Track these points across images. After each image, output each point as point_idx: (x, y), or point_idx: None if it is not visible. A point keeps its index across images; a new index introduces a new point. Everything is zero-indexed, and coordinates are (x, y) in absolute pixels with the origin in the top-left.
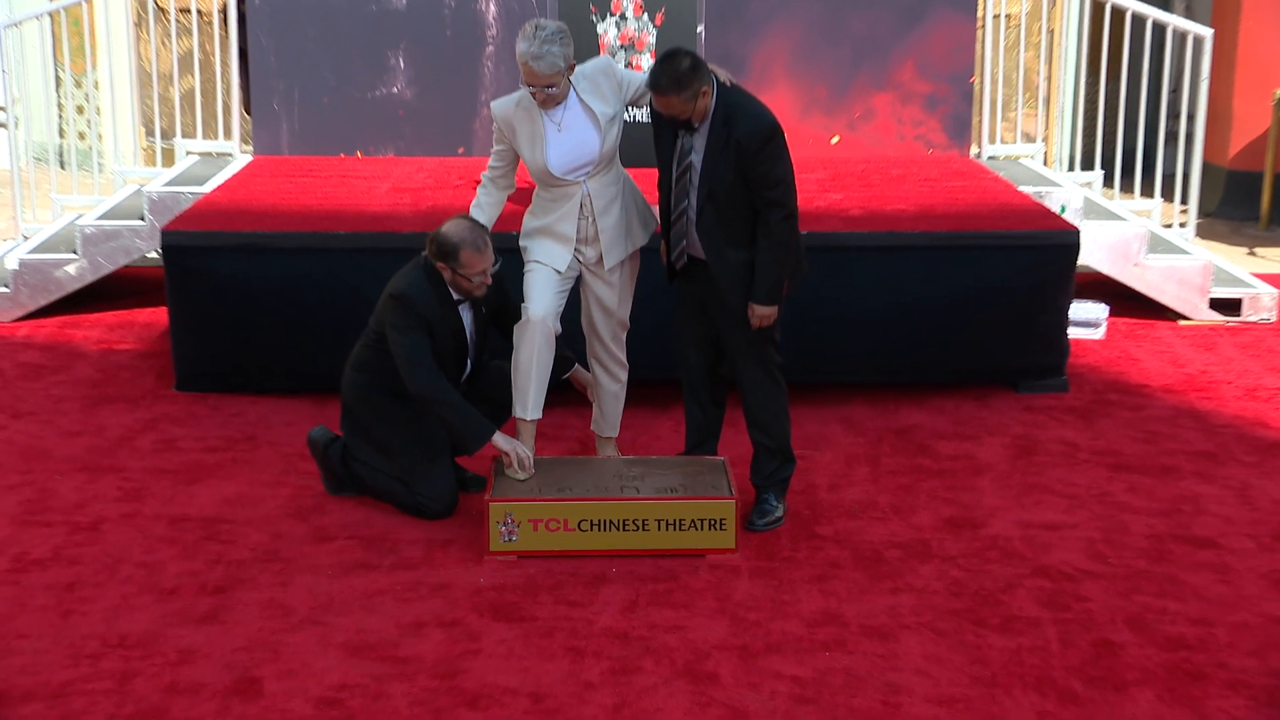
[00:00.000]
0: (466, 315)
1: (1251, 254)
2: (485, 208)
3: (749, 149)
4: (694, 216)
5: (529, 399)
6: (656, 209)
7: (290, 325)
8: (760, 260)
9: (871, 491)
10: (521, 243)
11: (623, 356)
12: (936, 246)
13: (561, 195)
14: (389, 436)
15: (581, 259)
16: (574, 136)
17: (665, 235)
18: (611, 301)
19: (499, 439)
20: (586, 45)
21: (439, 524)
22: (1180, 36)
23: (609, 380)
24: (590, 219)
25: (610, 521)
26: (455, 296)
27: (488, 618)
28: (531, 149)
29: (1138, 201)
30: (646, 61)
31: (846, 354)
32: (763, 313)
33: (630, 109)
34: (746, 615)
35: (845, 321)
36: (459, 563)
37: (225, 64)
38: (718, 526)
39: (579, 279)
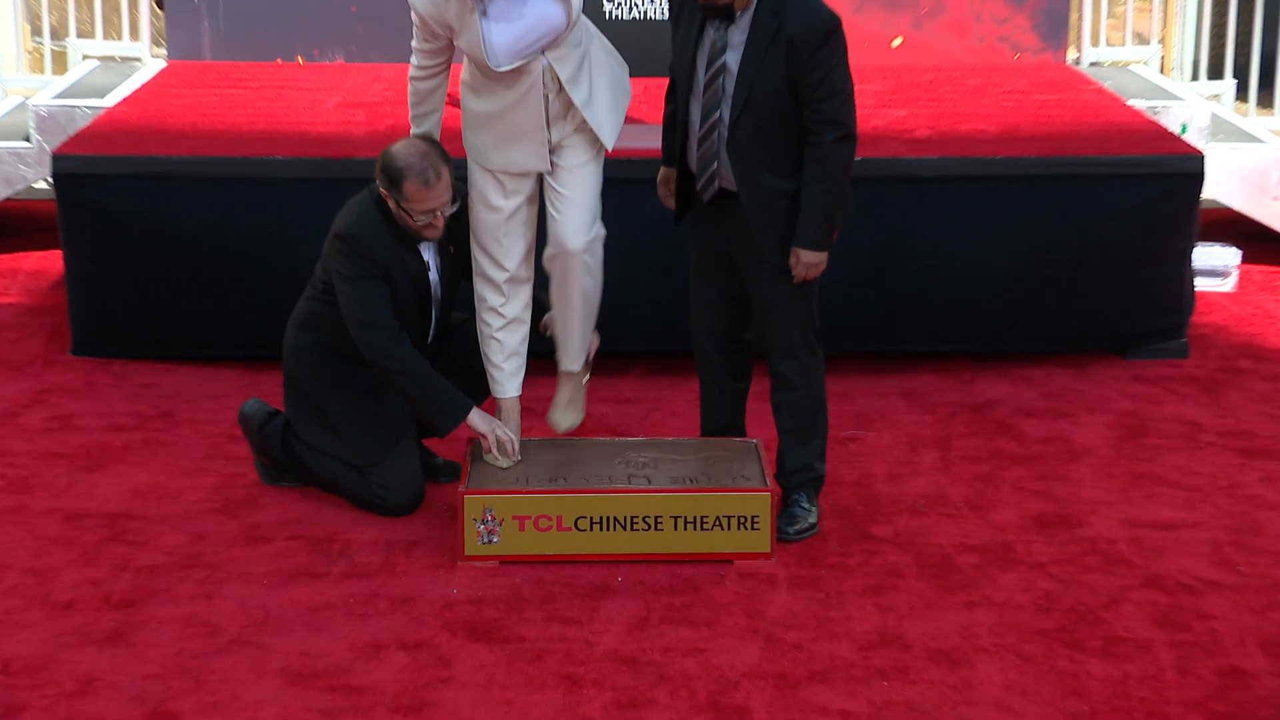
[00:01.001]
0: (431, 259)
1: None
2: (428, 121)
3: (803, 48)
4: (725, 134)
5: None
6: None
7: (215, 274)
8: (808, 194)
9: (941, 482)
10: (470, 140)
11: (598, 237)
12: (1024, 176)
13: (513, 78)
14: (340, 412)
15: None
16: (525, 10)
17: (678, 160)
18: (585, 192)
19: (476, 418)
20: None
21: (402, 522)
22: None
23: (575, 281)
24: (555, 94)
25: (615, 519)
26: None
27: (462, 638)
28: (472, 38)
29: (1278, 119)
30: None
31: (908, 315)
32: (810, 260)
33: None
34: (784, 636)
35: (907, 273)
36: (426, 570)
37: None
38: (749, 525)
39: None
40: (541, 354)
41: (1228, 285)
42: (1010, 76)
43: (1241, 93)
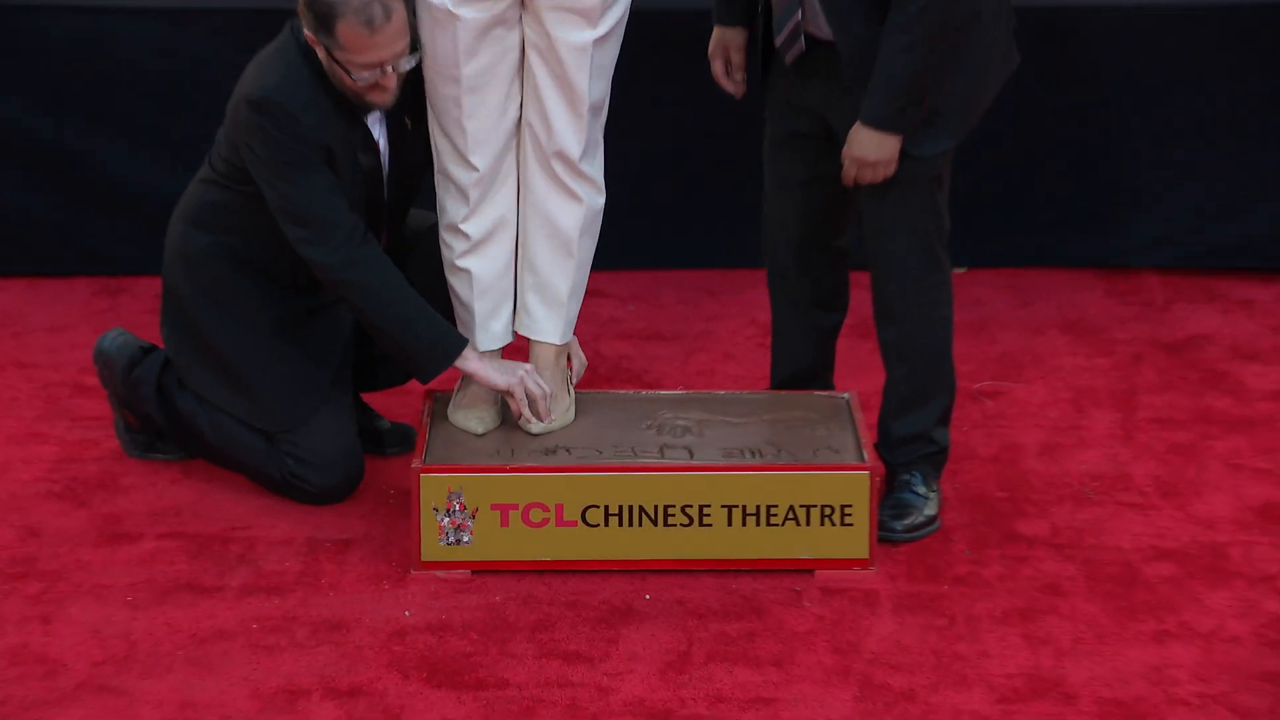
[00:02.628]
0: (380, 135)
1: None
2: None
3: None
4: None
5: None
6: None
7: (52, 148)
8: (884, 48)
9: (1120, 457)
10: None
11: (596, 173)
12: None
13: None
14: (246, 351)
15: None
16: None
17: (742, 11)
18: (580, 71)
19: (481, 362)
20: None
21: (330, 512)
22: None
23: (559, 209)
24: None
25: (641, 510)
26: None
27: (418, 682)
28: None
29: None
30: None
31: (1074, 211)
32: (866, 148)
33: None
34: (890, 681)
35: (1069, 152)
36: (366, 582)
37: None
38: (837, 519)
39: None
40: None
41: None
42: None
43: None
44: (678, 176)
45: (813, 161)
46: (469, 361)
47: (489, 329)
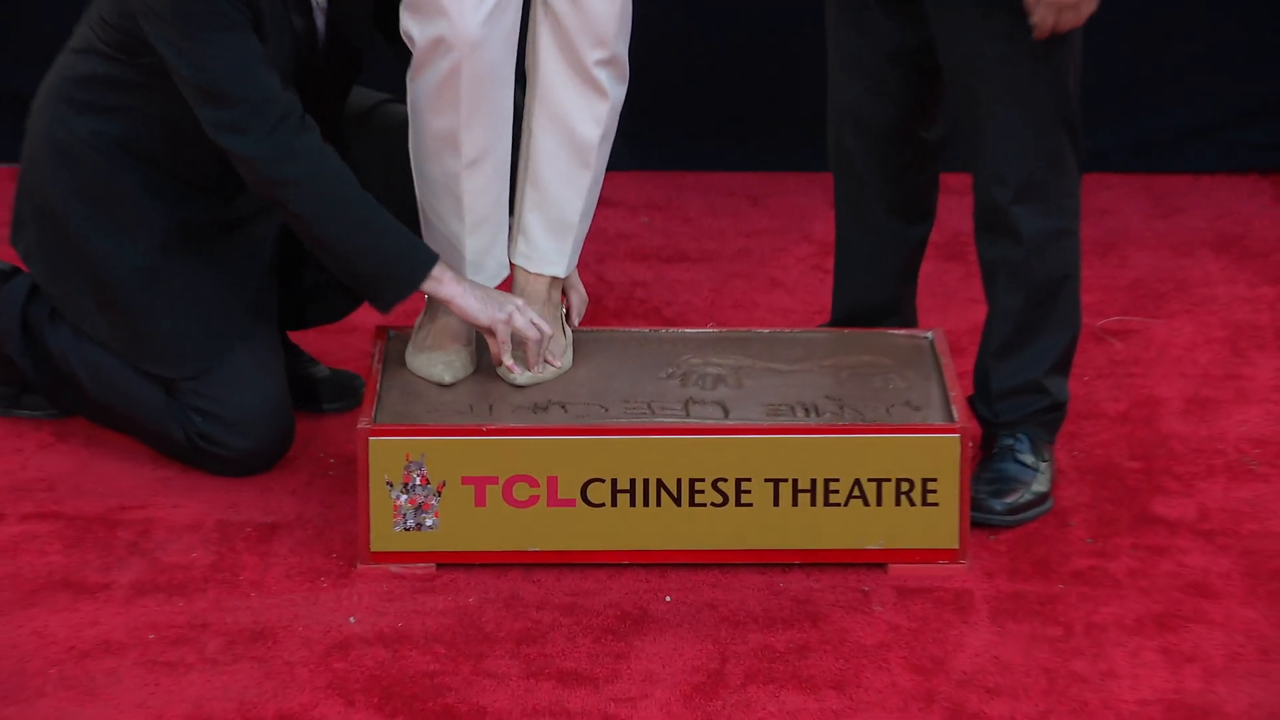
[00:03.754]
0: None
1: None
2: None
3: None
4: None
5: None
6: None
7: None
8: None
9: None
10: None
11: (624, 50)
12: None
13: None
14: (135, 272)
15: None
16: None
17: None
18: None
19: (462, 289)
20: None
21: (250, 486)
22: None
23: (579, 108)
24: None
25: (660, 485)
26: None
27: (366, 710)
28: None
29: None
30: None
31: (1237, 102)
32: None
33: None
34: (986, 710)
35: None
36: (298, 579)
37: None
38: (917, 497)
39: None
40: None
41: None
42: None
43: None
44: (708, 46)
45: (897, 26)
46: (443, 284)
47: (483, 268)
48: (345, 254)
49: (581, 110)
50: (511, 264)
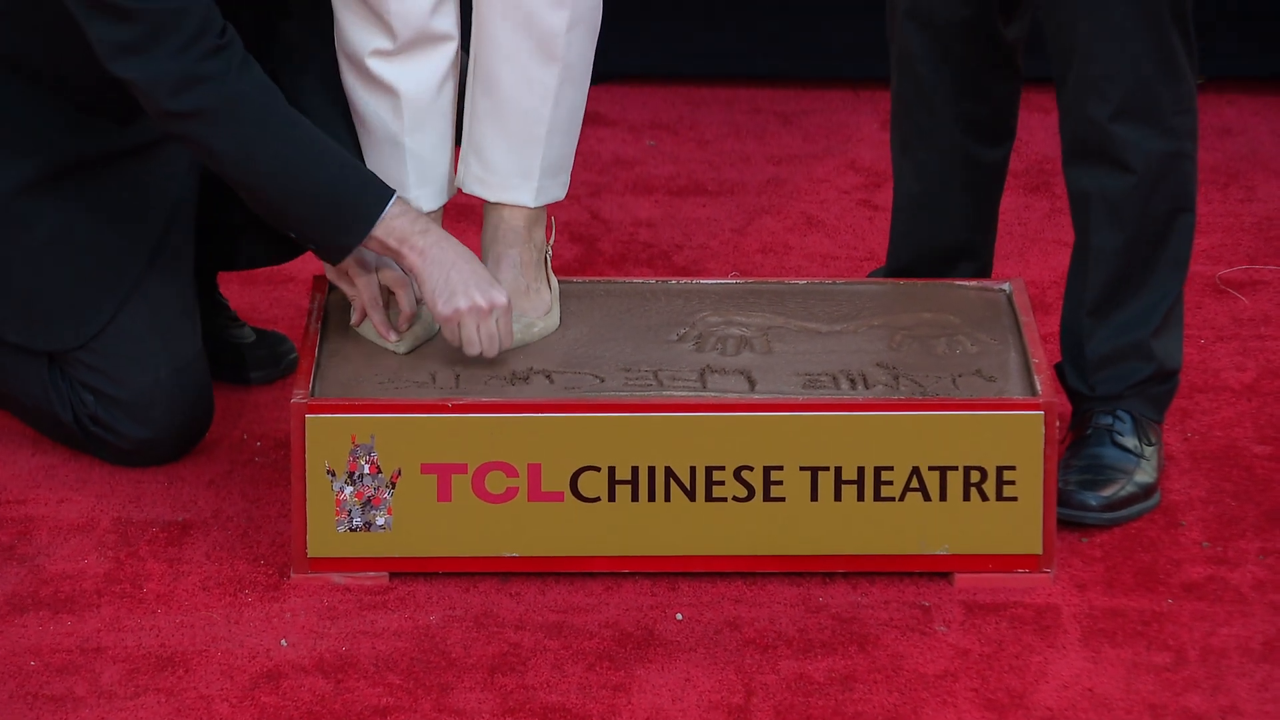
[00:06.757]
0: None
1: None
2: None
3: None
4: None
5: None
6: None
7: None
8: None
9: None
10: None
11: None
12: None
13: None
14: (5, 220)
15: None
16: None
17: None
18: None
19: (414, 224)
20: None
21: (154, 478)
22: None
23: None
24: None
25: (669, 475)
26: None
27: None
28: None
29: None
30: None
31: None
32: None
33: None
34: None
35: None
36: (215, 591)
37: None
38: (990, 491)
39: None
40: None
41: None
42: None
43: None
44: None
45: None
46: (393, 221)
47: (427, 176)
48: (280, 200)
49: None
50: (468, 194)
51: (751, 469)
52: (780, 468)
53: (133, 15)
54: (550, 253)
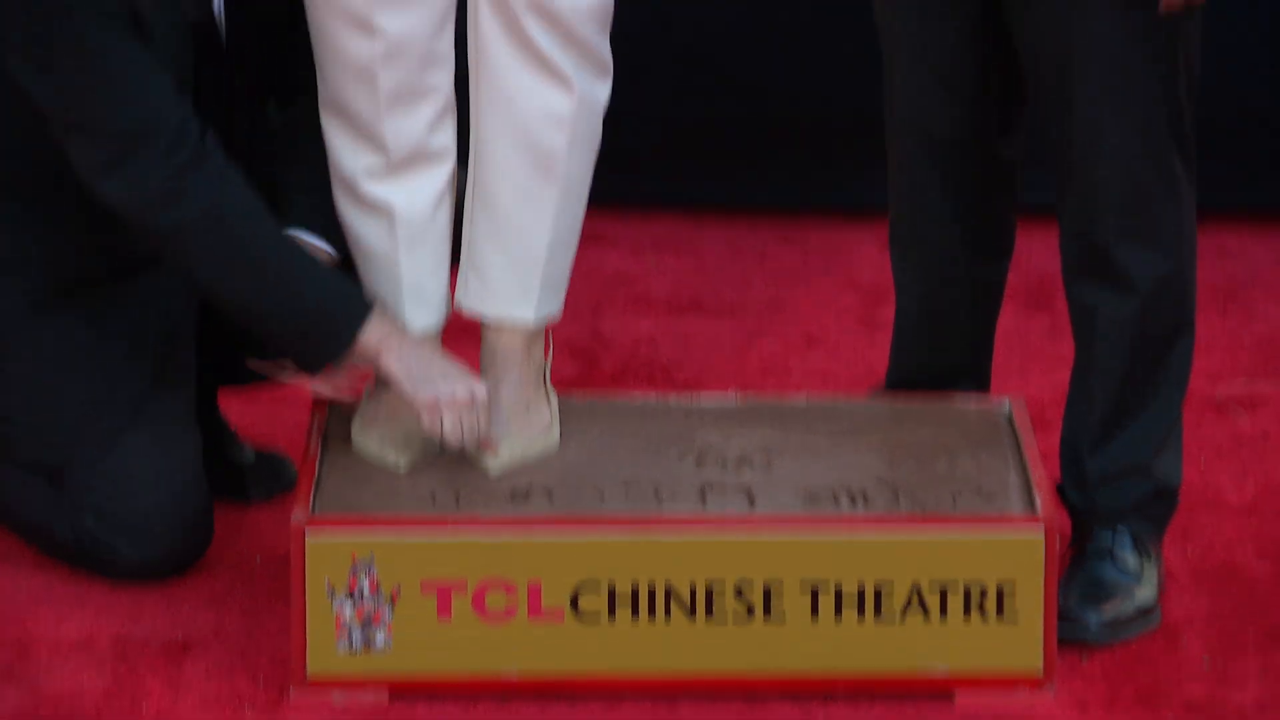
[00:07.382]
0: None
1: None
2: None
3: None
4: None
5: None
6: None
7: None
8: None
9: None
10: None
11: (601, 40)
12: None
13: None
14: (31, 351)
15: None
16: None
17: None
18: None
19: (387, 335)
20: None
21: (153, 597)
22: None
23: (535, 101)
24: None
25: (669, 593)
26: None
27: None
28: None
29: None
30: None
31: None
32: None
33: None
34: None
35: None
36: (215, 709)
37: None
38: (990, 609)
39: None
40: None
41: None
42: None
43: None
44: (728, 51)
45: (962, 29)
46: (371, 333)
47: (422, 296)
48: (259, 312)
49: (541, 107)
50: (466, 310)
51: (751, 586)
52: (780, 583)
53: (103, 131)
54: (549, 369)
